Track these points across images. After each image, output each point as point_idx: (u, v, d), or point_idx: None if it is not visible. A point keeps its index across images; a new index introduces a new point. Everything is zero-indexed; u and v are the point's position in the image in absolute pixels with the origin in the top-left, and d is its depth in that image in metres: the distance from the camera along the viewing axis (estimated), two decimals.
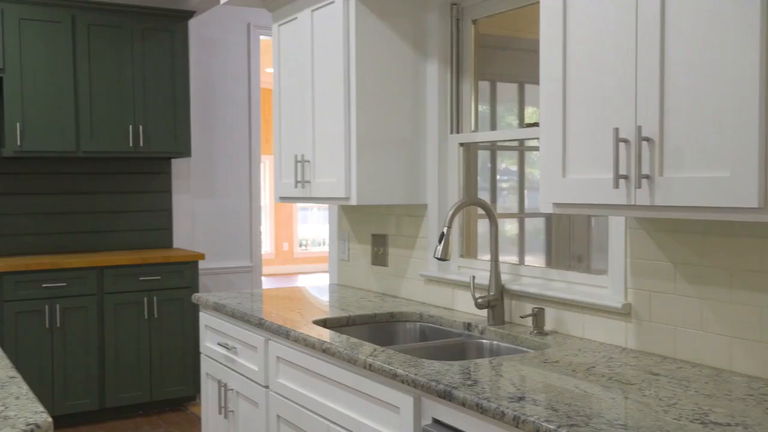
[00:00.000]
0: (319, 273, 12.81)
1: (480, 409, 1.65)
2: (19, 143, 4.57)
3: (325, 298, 3.15)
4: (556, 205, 1.93)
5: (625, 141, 1.71)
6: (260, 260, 5.82)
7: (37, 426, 1.48)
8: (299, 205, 12.92)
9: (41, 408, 1.58)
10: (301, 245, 13.23)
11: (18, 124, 4.56)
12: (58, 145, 4.68)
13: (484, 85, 2.96)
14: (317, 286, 3.53)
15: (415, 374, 1.87)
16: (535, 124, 2.59)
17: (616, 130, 1.71)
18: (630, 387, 1.74)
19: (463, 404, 1.70)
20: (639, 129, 1.67)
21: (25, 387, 1.75)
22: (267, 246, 12.46)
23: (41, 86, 4.63)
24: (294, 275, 12.59)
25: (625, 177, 1.71)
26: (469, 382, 1.79)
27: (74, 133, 4.73)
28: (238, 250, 5.72)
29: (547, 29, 1.92)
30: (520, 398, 1.65)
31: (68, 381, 4.55)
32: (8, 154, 4.56)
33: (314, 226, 13.63)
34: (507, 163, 3.09)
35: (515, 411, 1.56)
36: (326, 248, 13.35)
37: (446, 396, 1.75)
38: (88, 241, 5.12)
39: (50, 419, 1.52)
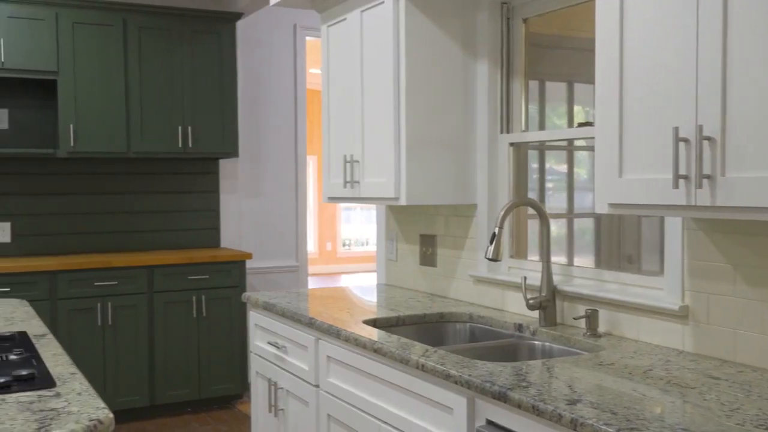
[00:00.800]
0: (363, 273, 12.85)
1: (536, 411, 1.63)
2: (72, 144, 4.66)
3: (373, 298, 3.15)
4: (612, 205, 1.90)
5: (685, 140, 1.68)
6: (306, 260, 5.86)
7: (100, 422, 1.51)
8: (343, 204, 12.98)
9: (102, 404, 1.61)
10: (344, 245, 13.28)
11: (71, 126, 4.66)
12: (110, 146, 4.77)
13: (533, 85, 2.94)
14: (363, 286, 3.54)
15: (469, 375, 1.87)
16: (588, 124, 2.56)
17: (676, 129, 1.68)
18: (690, 391, 1.71)
19: (519, 406, 1.69)
20: (700, 128, 1.64)
21: (86, 383, 1.78)
22: (310, 245, 12.54)
23: (94, 89, 4.72)
24: (337, 275, 12.65)
25: (685, 177, 1.68)
26: (523, 384, 1.77)
27: (125, 134, 4.81)
28: (283, 249, 5.77)
29: (603, 27, 1.90)
30: (577, 401, 1.64)
31: (119, 378, 4.64)
32: (62, 155, 4.66)
33: (357, 225, 13.68)
34: (551, 162, 3.06)
35: (573, 413, 1.54)
36: (369, 248, 13.40)
37: (501, 397, 1.74)
38: (137, 241, 5.21)
39: (111, 415, 1.55)
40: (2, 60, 4.46)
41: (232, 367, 4.97)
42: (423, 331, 2.74)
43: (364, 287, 3.47)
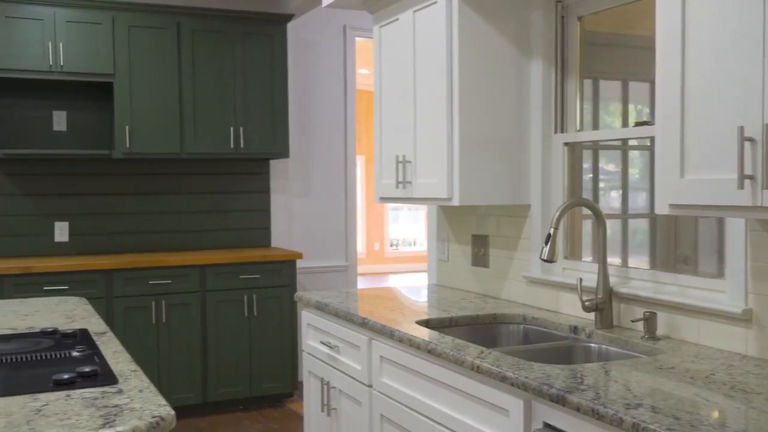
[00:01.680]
0: (410, 273, 12.85)
1: (596, 415, 1.61)
2: (127, 146, 4.76)
3: (424, 298, 3.15)
4: (673, 206, 1.86)
5: (751, 140, 1.64)
6: (355, 259, 5.88)
7: (162, 419, 1.53)
8: (390, 205, 12.99)
9: (164, 401, 1.64)
10: (392, 245, 13.30)
11: (127, 128, 4.75)
12: (164, 147, 4.85)
13: (586, 83, 2.90)
14: (413, 286, 3.53)
15: (526, 377, 1.85)
16: (646, 123, 2.51)
17: (741, 128, 1.64)
18: (755, 396, 1.67)
19: (578, 409, 1.67)
20: (766, 127, 1.60)
21: (146, 380, 1.81)
22: (358, 245, 12.58)
23: (148, 91, 4.81)
24: (385, 275, 12.66)
25: (751, 177, 1.64)
26: (582, 387, 1.75)
27: (178, 135, 4.89)
28: (333, 249, 5.80)
29: (664, 25, 1.86)
30: (638, 405, 1.61)
31: (173, 375, 4.71)
32: (118, 156, 4.76)
33: (405, 226, 13.69)
34: (602, 162, 3.01)
35: (634, 418, 1.52)
36: (417, 248, 13.39)
37: (559, 400, 1.72)
38: (190, 240, 5.29)
39: (173, 412, 1.58)
40: (61, 64, 4.57)
41: (283, 366, 5.01)
42: (476, 332, 2.72)
43: (413, 287, 3.47)
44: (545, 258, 2.36)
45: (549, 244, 2.36)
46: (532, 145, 2.89)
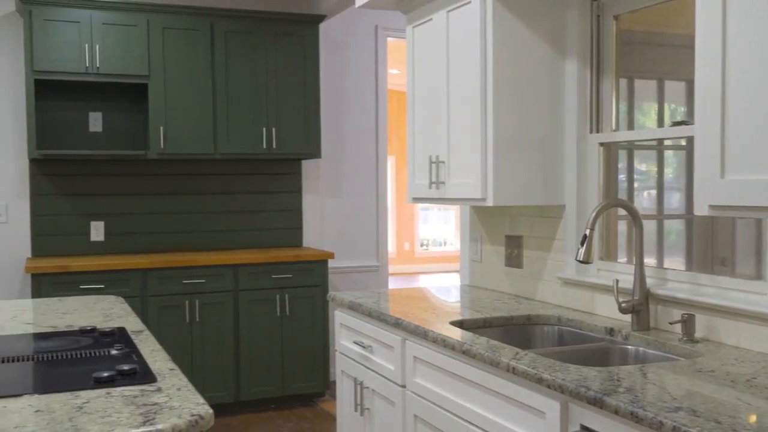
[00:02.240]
0: (440, 273, 12.83)
1: (635, 418, 1.59)
2: (162, 146, 4.81)
3: (457, 299, 3.14)
4: (713, 207, 1.84)
5: None
6: (386, 259, 5.88)
7: (201, 417, 1.55)
8: (421, 205, 12.99)
9: (202, 400, 1.65)
10: (422, 245, 13.29)
11: (161, 128, 4.80)
12: (197, 147, 4.90)
13: (621, 83, 2.87)
14: (444, 286, 3.53)
15: (562, 379, 1.84)
16: (684, 123, 2.48)
17: None
18: None
19: (616, 412, 1.65)
20: None
21: (184, 379, 1.83)
22: (389, 245, 12.59)
23: (182, 92, 4.86)
24: (415, 275, 12.66)
25: None
26: (620, 389, 1.73)
27: (212, 135, 4.93)
28: (364, 249, 5.81)
29: (704, 22, 1.84)
30: (678, 408, 1.59)
31: (206, 373, 4.75)
32: (152, 157, 4.81)
33: (435, 226, 13.67)
34: (635, 162, 2.98)
35: (674, 421, 1.50)
36: (447, 248, 13.36)
37: (597, 403, 1.71)
38: (223, 240, 5.34)
39: (211, 411, 1.59)
40: (97, 65, 4.64)
41: (315, 366, 5.03)
42: (510, 333, 2.71)
43: (445, 288, 3.46)
44: (581, 259, 2.34)
45: (585, 245, 2.34)
46: (567, 145, 2.87)
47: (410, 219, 13.04)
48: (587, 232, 2.34)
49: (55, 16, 4.57)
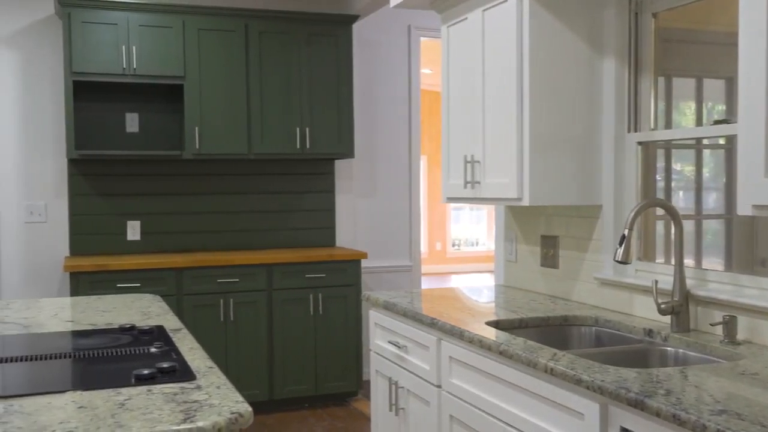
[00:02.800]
0: (472, 273, 12.78)
1: (677, 421, 1.57)
2: (197, 146, 4.85)
3: (492, 299, 3.13)
4: (757, 207, 1.80)
5: None
6: (419, 259, 5.88)
7: (240, 415, 1.56)
8: (453, 204, 12.96)
9: (241, 398, 1.66)
10: (453, 245, 13.25)
11: (196, 129, 4.85)
12: (232, 147, 4.94)
13: (659, 81, 2.83)
14: (479, 286, 3.51)
15: (602, 381, 1.82)
16: (724, 121, 2.45)
17: None
18: None
19: (657, 414, 1.63)
20: None
21: (223, 377, 1.84)
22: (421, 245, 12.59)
23: (217, 92, 4.90)
24: (447, 275, 12.63)
25: None
26: (661, 392, 1.71)
27: (246, 136, 4.97)
28: (397, 249, 5.81)
29: (747, 18, 1.80)
30: (722, 411, 1.56)
31: (241, 372, 4.79)
32: (188, 157, 4.86)
33: (467, 226, 13.62)
34: (672, 161, 2.94)
35: (719, 425, 1.48)
36: (479, 248, 13.31)
37: (638, 405, 1.69)
38: (257, 239, 5.37)
39: (250, 409, 1.60)
40: (134, 67, 4.69)
41: (348, 365, 5.04)
42: (546, 334, 2.69)
43: (478, 288, 3.45)
44: (619, 259, 2.32)
45: (623, 245, 2.31)
46: (604, 144, 2.84)
47: (442, 219, 13.01)
48: (626, 232, 2.32)
49: (93, 18, 4.63)
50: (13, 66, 4.88)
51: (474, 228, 13.66)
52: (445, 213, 13.06)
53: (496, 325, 2.62)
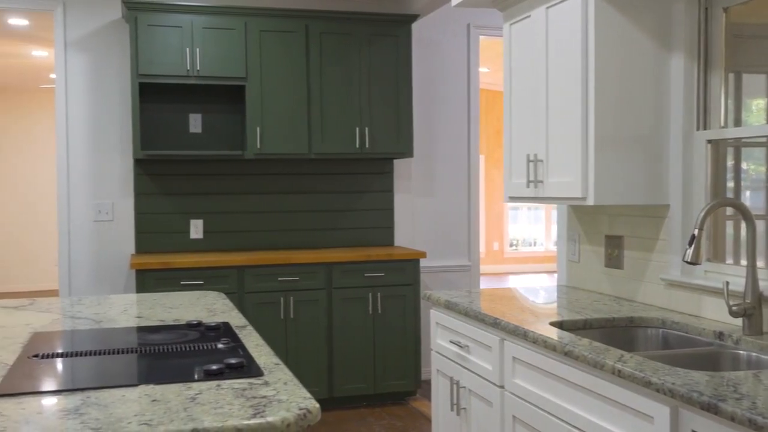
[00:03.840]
0: (530, 274, 12.66)
1: (753, 426, 1.53)
2: (258, 146, 4.92)
3: (553, 299, 3.09)
4: None
5: None
6: (478, 259, 5.85)
7: (308, 411, 1.57)
8: (510, 204, 12.86)
9: (308, 394, 1.68)
10: (511, 245, 13.14)
11: (258, 129, 4.92)
12: (293, 147, 4.99)
13: (728, 78, 2.76)
14: (538, 287, 3.48)
15: (672, 383, 1.78)
16: None
17: None
18: None
19: (732, 419, 1.59)
20: None
21: (289, 373, 1.87)
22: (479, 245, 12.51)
23: (278, 93, 4.96)
24: (504, 275, 12.53)
25: None
26: (735, 395, 1.67)
27: (306, 136, 5.02)
28: (455, 248, 5.79)
29: None
30: None
31: (300, 369, 4.84)
32: (249, 157, 4.93)
33: (524, 226, 13.49)
34: (738, 159, 2.85)
35: None
36: (537, 248, 13.17)
37: (711, 409, 1.65)
38: (317, 238, 5.42)
39: (318, 405, 1.61)
40: (198, 68, 4.78)
41: (406, 364, 5.05)
42: (611, 336, 2.65)
43: (538, 288, 3.41)
44: (689, 260, 2.27)
45: (693, 245, 2.26)
46: (672, 142, 2.79)
47: (499, 218, 12.92)
48: (696, 232, 2.27)
49: (158, 22, 4.74)
50: (83, 68, 5.03)
51: (532, 228, 13.52)
52: (502, 213, 12.96)
53: (560, 325, 2.59)
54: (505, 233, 13.02)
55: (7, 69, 8.80)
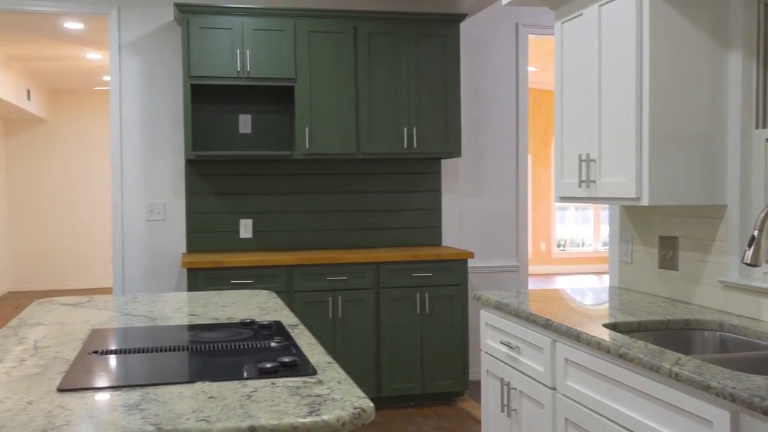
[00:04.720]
0: (578, 275, 12.51)
1: None
2: (307, 147, 4.96)
3: (605, 300, 3.05)
4: None
5: None
6: (527, 260, 5.80)
7: (363, 410, 1.58)
8: (558, 205, 12.73)
9: (362, 393, 1.69)
10: (558, 246, 13.01)
11: (307, 129, 4.95)
12: (341, 147, 5.02)
13: None
14: (589, 288, 3.43)
15: (733, 388, 1.74)
16: None
17: None
18: None
19: None
20: None
21: (342, 372, 1.87)
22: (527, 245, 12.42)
23: (327, 93, 4.99)
24: (551, 276, 12.41)
25: None
26: None
27: (354, 136, 5.04)
28: (503, 248, 5.75)
29: None
30: None
31: (348, 368, 4.86)
32: (298, 157, 4.97)
33: (571, 226, 13.34)
34: None
35: None
36: (585, 249, 13.01)
37: None
38: (365, 238, 5.44)
39: (372, 404, 1.62)
40: (248, 70, 4.84)
41: (454, 365, 5.03)
42: (666, 338, 2.60)
43: (588, 289, 3.37)
44: (748, 262, 2.22)
45: (752, 247, 2.21)
46: (730, 141, 2.73)
47: (546, 219, 12.79)
48: (755, 233, 2.21)
49: (209, 24, 4.81)
50: (136, 71, 5.13)
51: (580, 228, 13.36)
52: (550, 213, 12.83)
53: (613, 327, 2.56)
54: (553, 233, 12.89)
55: (63, 71, 9.02)
